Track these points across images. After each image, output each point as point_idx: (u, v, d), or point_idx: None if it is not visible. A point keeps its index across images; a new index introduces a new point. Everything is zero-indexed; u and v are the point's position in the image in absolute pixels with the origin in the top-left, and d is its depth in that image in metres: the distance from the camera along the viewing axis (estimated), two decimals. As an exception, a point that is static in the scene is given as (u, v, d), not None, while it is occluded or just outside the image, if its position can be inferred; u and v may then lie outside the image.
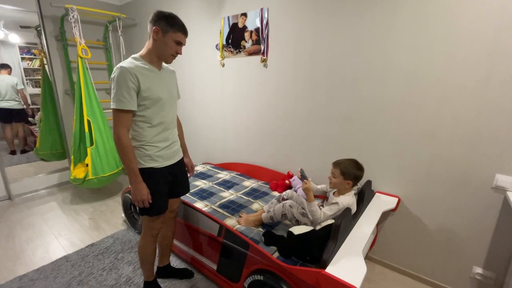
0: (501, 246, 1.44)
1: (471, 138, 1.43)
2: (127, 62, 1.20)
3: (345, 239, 1.29)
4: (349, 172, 1.46)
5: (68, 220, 2.52)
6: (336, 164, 1.51)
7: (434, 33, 1.44)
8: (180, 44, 1.27)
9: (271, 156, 2.36)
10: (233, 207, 1.86)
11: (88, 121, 2.61)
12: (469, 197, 1.49)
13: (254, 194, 2.08)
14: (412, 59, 1.53)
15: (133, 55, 1.26)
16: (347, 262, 1.13)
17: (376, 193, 1.79)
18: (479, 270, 1.51)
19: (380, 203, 1.67)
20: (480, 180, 1.44)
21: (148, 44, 1.26)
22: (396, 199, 1.70)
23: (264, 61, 2.19)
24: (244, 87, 2.39)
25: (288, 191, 1.71)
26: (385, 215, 1.79)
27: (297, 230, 1.37)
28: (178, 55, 1.28)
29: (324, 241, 1.24)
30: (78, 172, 2.67)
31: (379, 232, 1.85)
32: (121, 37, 3.00)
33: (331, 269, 1.09)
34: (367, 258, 1.92)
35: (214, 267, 1.64)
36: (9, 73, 3.01)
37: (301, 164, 2.17)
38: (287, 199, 1.68)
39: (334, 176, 1.50)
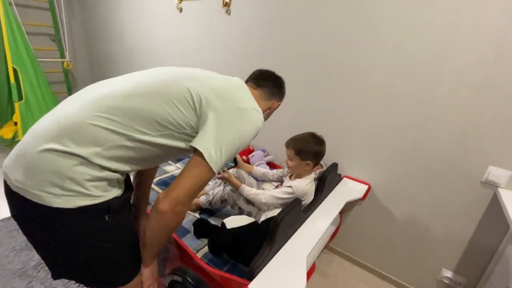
0: (478, 250, 1.21)
1: (465, 122, 1.12)
2: (263, 120, 0.79)
3: (290, 237, 1.01)
4: (306, 149, 1.14)
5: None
6: (289, 143, 1.18)
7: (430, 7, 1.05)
8: None
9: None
10: (173, 185, 1.54)
11: (15, 70, 2.14)
12: (451, 190, 1.22)
13: (205, 170, 1.76)
14: (402, 30, 1.15)
15: (260, 109, 0.78)
16: (284, 273, 0.85)
17: (344, 178, 1.50)
18: (448, 273, 1.30)
19: (346, 191, 1.38)
20: (469, 172, 1.16)
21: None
22: (365, 187, 1.42)
23: (226, 5, 1.73)
24: (204, 40, 1.94)
25: (237, 170, 1.39)
26: (351, 203, 1.53)
27: (232, 221, 1.07)
28: None
29: (264, 239, 0.95)
30: (6, 131, 2.26)
31: (343, 221, 1.60)
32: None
33: (258, 283, 0.80)
34: (327, 248, 1.70)
35: (141, 255, 1.36)
36: None
37: (264, 138, 1.84)
38: (233, 180, 1.37)
39: (290, 158, 1.19)
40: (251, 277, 0.82)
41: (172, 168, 1.74)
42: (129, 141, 0.63)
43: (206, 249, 1.08)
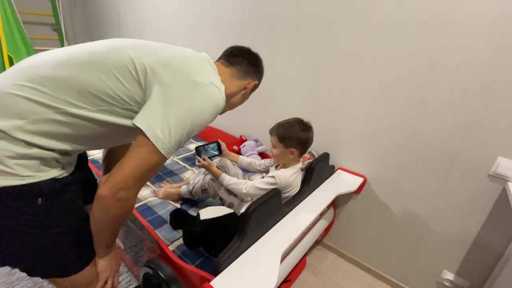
0: (484, 251, 1.08)
1: (471, 107, 0.99)
2: (224, 98, 0.68)
3: (267, 231, 0.92)
4: (290, 135, 1.05)
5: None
6: (272, 129, 1.10)
7: None
8: None
9: (226, 117, 1.92)
10: (159, 174, 1.49)
11: (10, 58, 2.14)
12: (455, 184, 1.10)
13: (194, 159, 1.69)
14: (400, 5, 1.02)
15: (222, 84, 0.69)
16: (254, 270, 0.78)
17: (338, 170, 1.40)
18: (449, 275, 1.18)
19: (338, 183, 1.28)
20: (475, 163, 1.03)
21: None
22: (360, 180, 1.31)
23: (217, -14, 1.63)
24: (196, 20, 1.86)
25: (221, 158, 1.31)
26: (346, 197, 1.42)
27: (208, 212, 0.99)
28: None
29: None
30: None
31: (337, 215, 1.50)
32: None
33: (222, 279, 0.73)
34: (321, 244, 1.60)
35: (122, 245, 1.32)
36: None
37: (257, 127, 1.75)
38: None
39: (273, 146, 1.10)
40: (216, 272, 0.75)
41: (161, 158, 1.68)
42: (60, 115, 0.56)
43: (181, 241, 1.02)
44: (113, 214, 0.60)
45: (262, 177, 1.28)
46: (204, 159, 1.15)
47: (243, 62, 0.80)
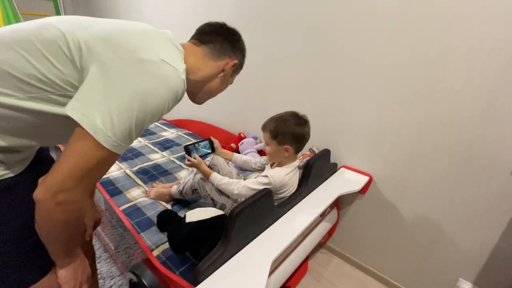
0: (507, 258, 0.96)
1: (490, 95, 0.86)
2: (182, 78, 0.56)
3: (257, 235, 0.84)
4: (283, 131, 0.96)
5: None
6: (264, 125, 1.01)
7: None
8: None
9: (226, 114, 1.85)
10: (153, 173, 1.43)
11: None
12: (472, 183, 0.97)
13: (191, 158, 1.63)
14: None
15: (182, 64, 0.59)
16: (238, 281, 0.69)
17: (341, 168, 1.29)
18: (466, 285, 1.06)
19: (341, 182, 1.18)
20: (496, 159, 0.91)
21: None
22: (365, 178, 1.20)
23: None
24: (192, 12, 1.79)
25: (214, 156, 1.23)
26: (350, 198, 1.32)
27: (195, 214, 0.92)
28: None
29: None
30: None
31: (341, 217, 1.40)
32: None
33: (202, 290, 0.65)
34: (325, 247, 1.50)
35: (113, 246, 1.27)
36: None
37: (255, 123, 1.67)
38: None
39: (267, 143, 1.02)
40: (196, 282, 0.67)
41: (157, 156, 1.63)
42: None
43: (167, 245, 0.95)
44: (56, 220, 0.50)
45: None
46: (194, 158, 1.08)
47: (216, 39, 0.68)
